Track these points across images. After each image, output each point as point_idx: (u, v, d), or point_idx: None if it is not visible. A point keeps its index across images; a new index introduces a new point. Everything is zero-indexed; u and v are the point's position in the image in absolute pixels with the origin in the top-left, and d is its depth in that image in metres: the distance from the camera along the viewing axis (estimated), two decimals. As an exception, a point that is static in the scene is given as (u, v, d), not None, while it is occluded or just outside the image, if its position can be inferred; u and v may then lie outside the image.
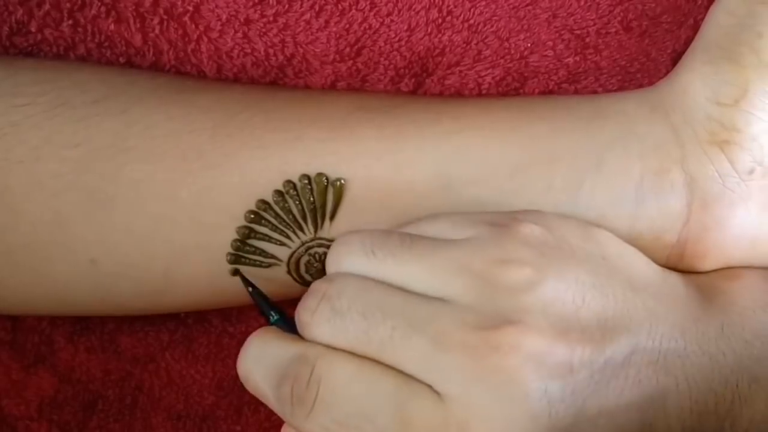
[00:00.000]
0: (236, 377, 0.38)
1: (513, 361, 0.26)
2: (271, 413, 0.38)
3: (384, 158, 0.31)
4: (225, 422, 0.38)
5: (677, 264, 0.32)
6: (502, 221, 0.29)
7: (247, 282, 0.32)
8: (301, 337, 0.28)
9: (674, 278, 0.31)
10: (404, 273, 0.28)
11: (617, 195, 0.31)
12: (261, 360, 0.28)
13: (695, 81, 0.31)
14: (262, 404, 0.38)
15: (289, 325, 0.29)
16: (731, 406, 0.29)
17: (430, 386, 0.27)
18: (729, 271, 0.32)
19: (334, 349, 0.27)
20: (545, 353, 0.27)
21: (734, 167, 0.31)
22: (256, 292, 0.31)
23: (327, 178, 0.31)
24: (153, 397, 0.38)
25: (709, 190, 0.31)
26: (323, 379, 0.27)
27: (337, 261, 0.29)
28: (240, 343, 0.38)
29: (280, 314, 0.30)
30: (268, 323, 0.30)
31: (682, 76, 0.32)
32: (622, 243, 0.31)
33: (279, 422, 0.38)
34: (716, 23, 0.31)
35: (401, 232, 0.29)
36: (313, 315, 0.28)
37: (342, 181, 0.31)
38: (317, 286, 0.28)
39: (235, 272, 0.32)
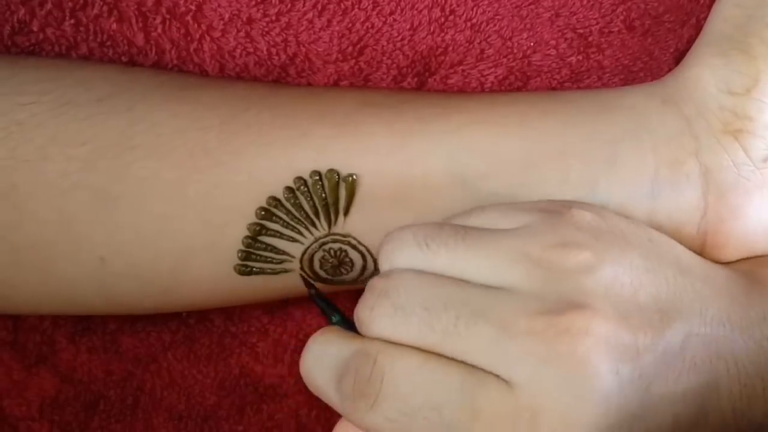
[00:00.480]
0: (238, 377, 0.38)
1: (584, 344, 0.26)
2: (273, 413, 0.38)
3: (394, 153, 0.31)
4: (227, 422, 0.38)
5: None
6: (553, 208, 0.29)
7: (308, 284, 0.32)
8: (361, 336, 0.28)
9: (716, 266, 0.31)
10: (460, 264, 0.28)
11: (633, 189, 0.31)
12: (322, 358, 0.28)
13: (705, 72, 0.31)
14: (264, 404, 0.38)
15: (349, 326, 0.29)
16: None
17: (496, 375, 0.26)
18: (762, 258, 0.32)
19: (396, 344, 0.27)
20: (613, 336, 0.26)
21: (749, 155, 0.31)
22: (316, 293, 0.31)
23: (338, 174, 0.31)
24: (154, 397, 0.38)
25: (725, 179, 0.31)
26: (386, 372, 0.27)
27: (390, 256, 0.29)
28: (242, 343, 0.38)
29: (341, 315, 0.30)
30: (330, 324, 0.30)
31: (691, 69, 0.32)
32: (660, 232, 0.30)
33: (281, 422, 0.38)
34: (723, 15, 0.31)
35: (453, 224, 0.29)
36: (372, 311, 0.27)
37: (354, 177, 0.31)
38: (374, 282, 0.28)
39: (246, 272, 0.32)
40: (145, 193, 0.31)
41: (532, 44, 0.36)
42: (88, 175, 0.31)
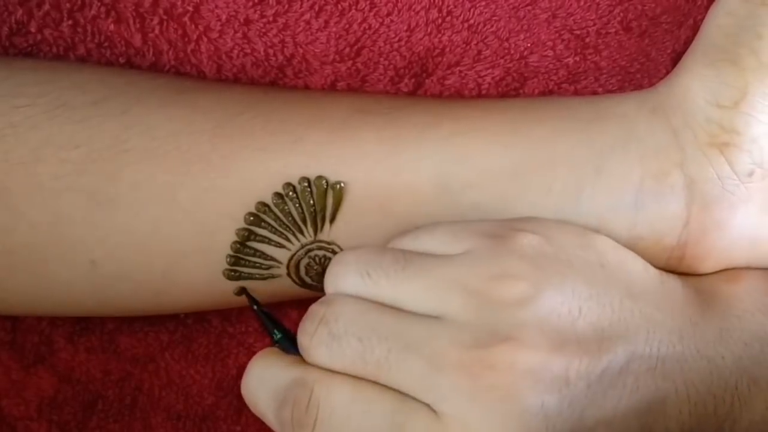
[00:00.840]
0: (236, 377, 0.38)
1: (508, 378, 0.26)
2: (270, 413, 0.38)
3: (384, 162, 0.31)
4: (225, 422, 0.38)
5: (677, 266, 0.32)
6: (499, 232, 0.29)
7: (251, 300, 0.32)
8: (302, 359, 0.29)
9: (673, 282, 0.31)
10: (399, 293, 0.28)
11: (617, 199, 0.31)
12: (262, 383, 0.29)
13: (695, 83, 0.31)
14: (261, 404, 0.38)
15: (293, 344, 0.30)
16: (731, 408, 0.29)
17: (427, 405, 0.27)
18: (729, 272, 0.32)
19: (333, 372, 0.28)
20: (541, 368, 0.27)
21: (734, 169, 0.31)
22: (260, 310, 0.31)
23: (327, 181, 0.31)
24: (153, 397, 0.38)
25: (709, 192, 0.31)
26: (321, 403, 0.28)
27: (335, 281, 0.29)
28: (240, 344, 0.38)
29: (283, 332, 0.30)
30: (272, 341, 0.31)
31: (681, 78, 0.32)
32: (620, 249, 0.31)
33: (278, 422, 0.38)
34: (716, 24, 0.31)
35: (396, 250, 0.29)
36: (311, 339, 0.28)
37: (342, 185, 0.31)
38: (315, 308, 0.29)
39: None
40: (138, 196, 0.31)
41: (529, 45, 0.36)
42: (82, 178, 0.31)
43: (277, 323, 0.31)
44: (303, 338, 0.29)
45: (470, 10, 0.35)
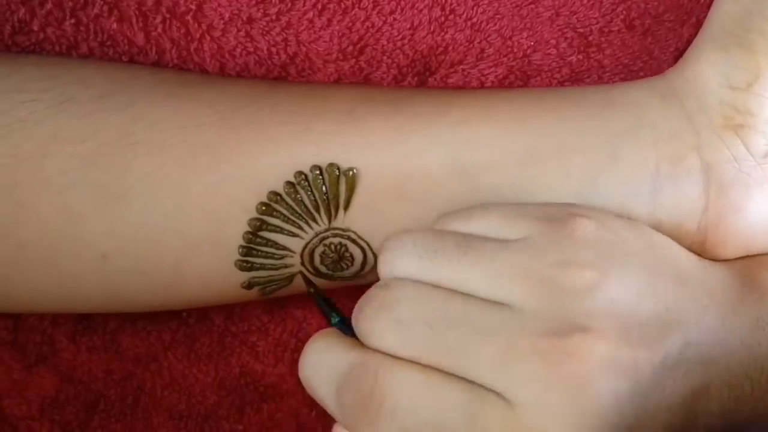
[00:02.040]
0: (238, 377, 0.38)
1: (586, 367, 0.26)
2: (273, 413, 0.38)
3: (394, 147, 0.31)
4: (227, 422, 0.38)
5: (700, 253, 0.32)
6: (556, 216, 0.29)
7: (308, 283, 0.32)
8: (361, 343, 0.28)
9: (711, 267, 0.31)
10: (463, 279, 0.28)
11: (635, 185, 0.31)
12: (321, 365, 0.28)
13: (706, 68, 0.31)
14: (264, 403, 0.38)
15: (348, 328, 0.29)
16: (766, 390, 0.30)
17: (497, 393, 0.27)
18: (763, 258, 0.32)
19: (396, 357, 0.27)
20: (614, 357, 0.27)
21: (749, 151, 0.31)
22: (317, 293, 0.31)
23: (339, 168, 0.31)
24: (155, 396, 0.38)
25: (725, 174, 0.31)
26: (386, 389, 0.27)
27: (391, 265, 0.29)
28: (242, 343, 0.38)
29: (340, 316, 0.30)
30: (329, 325, 0.30)
31: (691, 64, 0.32)
32: (661, 233, 0.31)
33: (281, 421, 0.38)
34: (723, 11, 0.31)
35: (455, 233, 0.29)
36: (372, 323, 0.28)
37: (354, 171, 0.31)
38: (374, 293, 0.28)
39: (247, 268, 0.32)
40: (147, 189, 0.31)
41: (532, 43, 0.36)
42: (90, 172, 0.31)
43: (335, 307, 0.30)
44: (363, 323, 0.28)
45: (473, 8, 0.35)
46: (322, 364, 0.28)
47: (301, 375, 0.29)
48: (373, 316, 0.28)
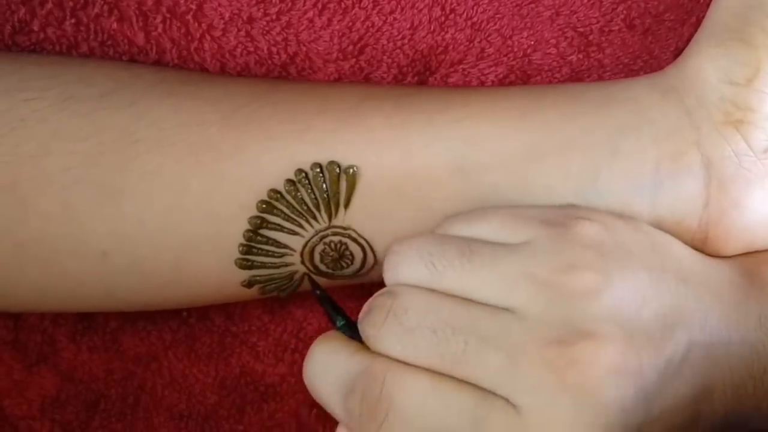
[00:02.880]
0: (238, 376, 0.38)
1: (592, 374, 0.27)
2: (273, 413, 0.38)
3: (394, 146, 0.31)
4: (227, 422, 0.38)
5: (701, 249, 0.32)
6: (558, 220, 0.29)
7: (314, 284, 0.32)
8: (367, 348, 0.28)
9: (715, 265, 0.31)
10: (467, 285, 0.28)
11: (635, 181, 0.31)
12: (327, 369, 0.29)
13: (706, 63, 0.31)
14: (264, 403, 0.38)
15: (353, 330, 0.29)
16: None
17: (506, 400, 0.27)
18: (765, 254, 0.32)
19: (404, 363, 0.28)
20: (620, 362, 0.27)
21: (750, 146, 0.31)
22: (322, 294, 0.31)
23: (339, 166, 0.31)
24: (155, 396, 0.38)
25: (726, 170, 0.31)
26: (395, 394, 0.27)
27: (396, 272, 0.29)
28: (242, 343, 0.38)
29: (346, 319, 0.30)
30: (334, 327, 0.30)
31: (691, 60, 0.32)
32: (663, 232, 0.31)
33: (281, 421, 0.38)
34: (723, 6, 0.31)
35: (458, 238, 0.29)
36: (379, 330, 0.28)
37: (354, 169, 0.31)
38: (381, 301, 0.28)
39: (247, 266, 0.32)
40: (148, 187, 0.31)
41: (532, 43, 0.36)
42: (91, 170, 0.31)
43: (340, 309, 0.30)
44: (369, 329, 0.28)
45: (473, 8, 0.35)
46: (328, 368, 0.29)
47: (305, 377, 0.29)
48: (380, 323, 0.28)
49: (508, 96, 0.33)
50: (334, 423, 0.37)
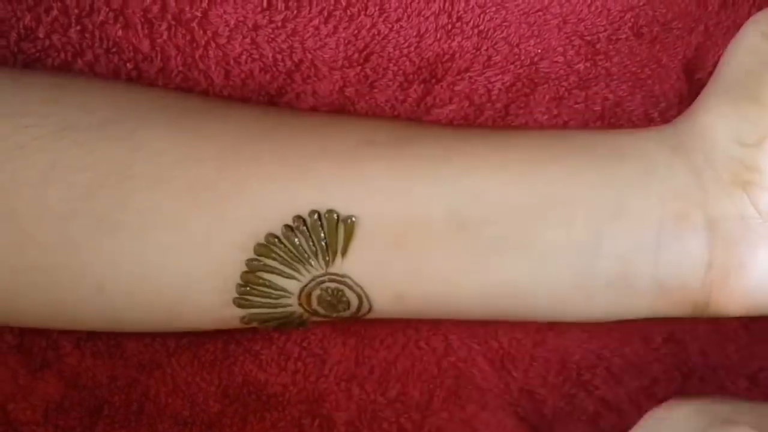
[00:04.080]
0: (242, 384, 0.38)
1: None
2: (276, 422, 0.38)
3: (396, 197, 0.31)
4: (230, 430, 0.38)
5: (704, 311, 0.31)
6: None
7: None
8: None
9: None
10: None
11: (638, 240, 0.30)
12: None
13: (716, 121, 0.30)
14: (267, 412, 0.38)
15: None
16: None
17: None
18: None
19: None
20: None
21: (757, 208, 0.30)
22: None
23: (338, 215, 0.31)
24: (159, 403, 0.38)
25: (731, 232, 0.30)
26: None
27: None
28: (246, 351, 0.38)
29: None
30: None
31: (701, 116, 0.31)
32: None
33: (284, 430, 0.38)
34: (736, 62, 0.31)
35: None
36: None
37: (353, 219, 0.31)
38: None
39: (246, 305, 0.32)
40: (146, 223, 0.31)
41: (539, 51, 0.36)
42: (89, 203, 0.31)
43: None
44: None
45: (480, 15, 0.35)
46: None
47: None
48: None
49: (514, 145, 0.32)
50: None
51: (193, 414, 0.38)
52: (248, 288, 0.32)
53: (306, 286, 0.32)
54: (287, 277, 0.32)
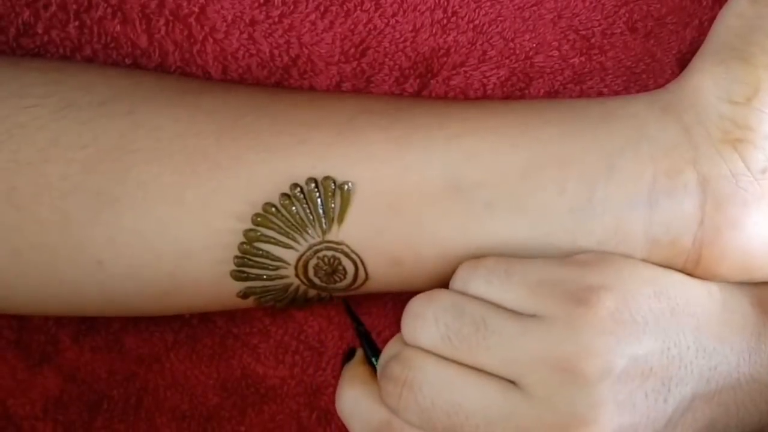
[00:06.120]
0: (240, 378, 0.38)
1: None
2: (274, 415, 0.38)
3: (391, 162, 0.31)
4: (229, 423, 0.38)
5: (694, 269, 0.32)
6: (578, 294, 0.29)
7: (355, 319, 0.33)
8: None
9: (733, 302, 0.32)
10: (479, 362, 0.30)
11: (631, 198, 0.31)
12: (355, 413, 0.32)
13: (706, 81, 0.31)
14: (265, 405, 0.38)
15: (371, 347, 0.33)
16: None
17: None
18: None
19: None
20: None
21: (748, 166, 0.30)
22: (360, 329, 0.33)
23: (334, 182, 0.31)
24: (158, 397, 0.38)
25: (722, 189, 0.31)
26: None
27: (413, 333, 0.30)
28: (244, 344, 0.38)
29: (374, 352, 0.33)
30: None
31: (692, 77, 0.32)
32: (687, 282, 0.31)
33: (282, 423, 0.38)
34: (725, 25, 0.31)
35: (475, 309, 0.30)
36: (397, 404, 0.30)
37: (349, 185, 0.31)
38: (396, 370, 0.30)
39: (242, 278, 0.33)
40: (145, 196, 0.31)
41: (534, 46, 0.36)
42: (89, 178, 0.31)
43: (375, 346, 0.33)
44: (389, 400, 0.30)
45: (475, 10, 0.35)
46: (356, 412, 0.31)
47: (339, 412, 0.32)
48: (397, 395, 0.30)
49: (508, 110, 0.33)
50: (335, 426, 0.37)
51: (191, 407, 0.38)
52: (245, 259, 0.32)
53: (303, 255, 0.32)
54: (284, 247, 0.32)
